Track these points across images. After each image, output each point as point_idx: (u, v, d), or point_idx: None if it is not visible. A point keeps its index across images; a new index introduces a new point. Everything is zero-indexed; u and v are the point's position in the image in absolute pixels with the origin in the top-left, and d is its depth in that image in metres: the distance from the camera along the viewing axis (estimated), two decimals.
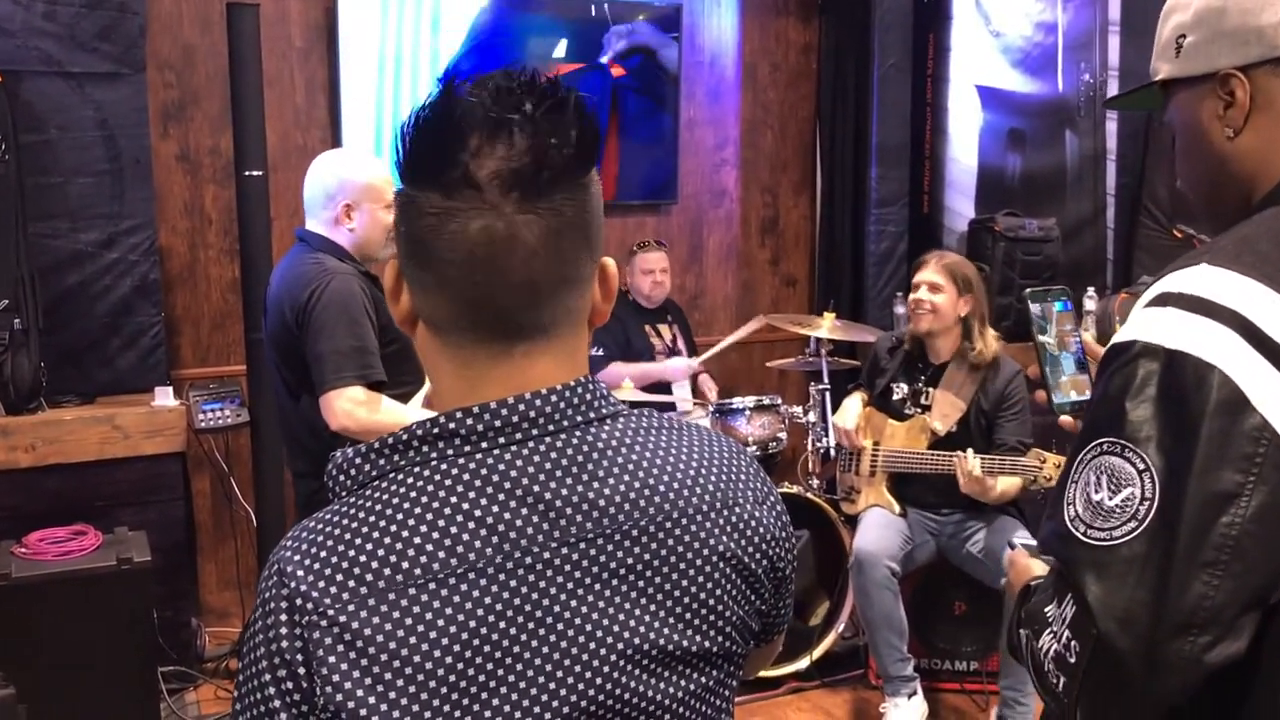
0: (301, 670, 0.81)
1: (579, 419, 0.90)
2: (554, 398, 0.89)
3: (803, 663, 3.75)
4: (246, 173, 3.30)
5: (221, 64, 3.93)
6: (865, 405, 3.76)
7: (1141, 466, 0.97)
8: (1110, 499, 0.98)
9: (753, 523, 0.97)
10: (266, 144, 3.36)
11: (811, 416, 4.05)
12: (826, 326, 4.11)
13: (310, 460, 2.76)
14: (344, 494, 0.89)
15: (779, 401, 4.12)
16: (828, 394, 4.11)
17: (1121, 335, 1.04)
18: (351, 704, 0.80)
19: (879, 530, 3.48)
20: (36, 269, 3.51)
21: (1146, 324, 1.01)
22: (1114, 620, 0.95)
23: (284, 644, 0.82)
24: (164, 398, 3.67)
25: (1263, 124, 1.12)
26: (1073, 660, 0.98)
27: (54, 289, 3.64)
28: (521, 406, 0.88)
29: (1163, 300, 1.01)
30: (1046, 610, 1.04)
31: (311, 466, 2.76)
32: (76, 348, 3.74)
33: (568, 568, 0.86)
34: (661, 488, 0.91)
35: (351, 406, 2.52)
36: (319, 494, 2.71)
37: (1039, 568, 1.16)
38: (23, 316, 3.43)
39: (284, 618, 0.82)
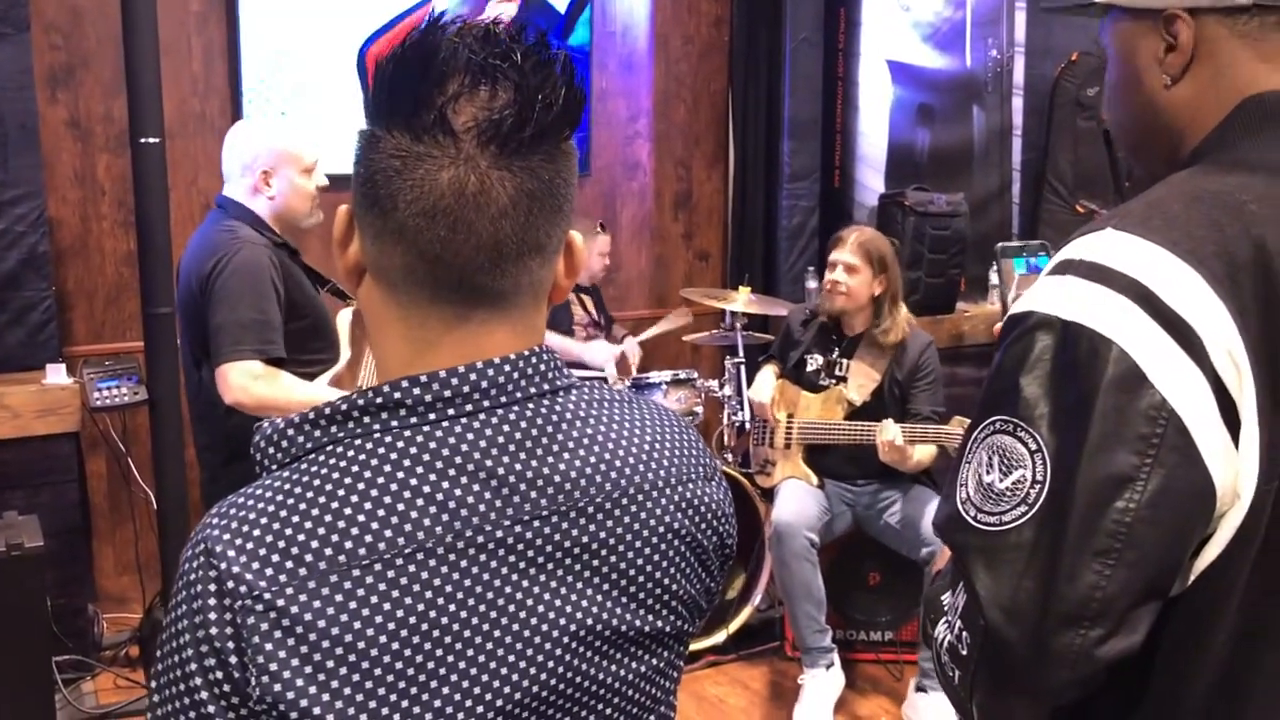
0: (233, 659, 0.75)
1: (533, 390, 0.85)
2: (507, 367, 0.84)
3: (719, 636, 3.75)
4: (142, 140, 3.15)
5: (111, 26, 3.74)
6: (778, 378, 3.76)
7: (1034, 447, 0.90)
8: (1001, 481, 0.92)
9: (705, 498, 0.94)
10: (163, 110, 3.21)
11: (727, 390, 4.04)
12: (742, 301, 4.10)
13: (209, 434, 2.70)
14: (274, 468, 0.82)
15: (695, 375, 4.11)
16: (743, 368, 4.10)
17: (1020, 305, 0.97)
18: (291, 694, 0.74)
19: (797, 501, 3.48)
20: None
21: (1045, 293, 0.94)
22: (1001, 610, 0.89)
23: (213, 630, 0.75)
24: (56, 375, 3.51)
25: (1202, 76, 1.02)
26: (964, 652, 0.93)
27: None
28: (473, 376, 0.82)
29: (1064, 267, 0.94)
30: (944, 598, 0.98)
31: (210, 440, 2.71)
32: None
33: (520, 546, 0.82)
34: (617, 463, 0.88)
35: (247, 380, 2.46)
36: (224, 469, 2.63)
37: None
38: None
39: (212, 601, 0.76)
